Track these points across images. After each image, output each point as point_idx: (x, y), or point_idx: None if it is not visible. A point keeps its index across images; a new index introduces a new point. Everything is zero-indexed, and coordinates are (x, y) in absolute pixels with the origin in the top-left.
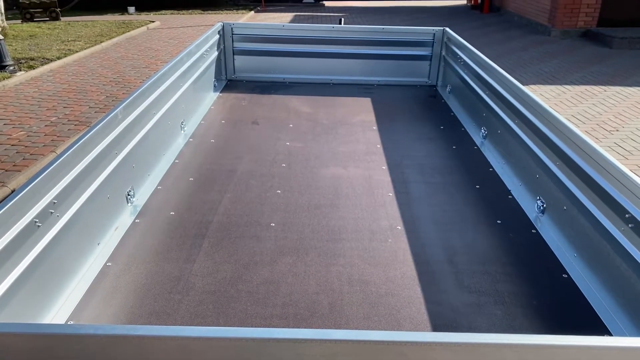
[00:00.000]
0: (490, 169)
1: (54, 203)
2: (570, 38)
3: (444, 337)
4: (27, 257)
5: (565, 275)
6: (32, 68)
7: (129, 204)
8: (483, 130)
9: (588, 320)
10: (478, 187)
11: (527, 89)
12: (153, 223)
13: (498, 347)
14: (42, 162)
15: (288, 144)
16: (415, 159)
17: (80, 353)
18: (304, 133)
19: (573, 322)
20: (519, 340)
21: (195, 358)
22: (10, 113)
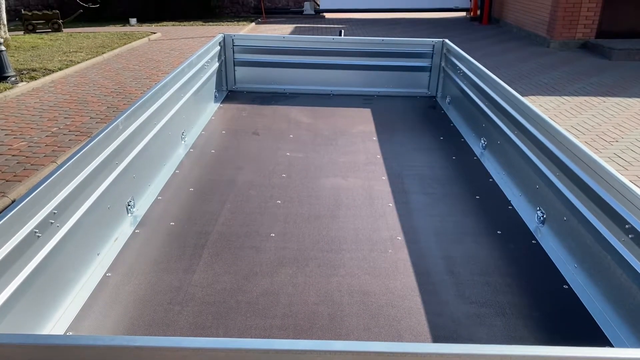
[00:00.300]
0: (490, 180)
1: (54, 213)
2: (569, 49)
3: (445, 348)
4: (26, 267)
5: (566, 286)
6: (33, 79)
7: (129, 215)
8: (483, 141)
9: (589, 332)
10: (478, 197)
11: (526, 100)
12: (153, 233)
13: (499, 358)
14: (42, 172)
15: (288, 155)
16: (415, 170)
17: None
18: (304, 143)
19: (574, 333)
20: (520, 352)
21: None
22: (12, 123)
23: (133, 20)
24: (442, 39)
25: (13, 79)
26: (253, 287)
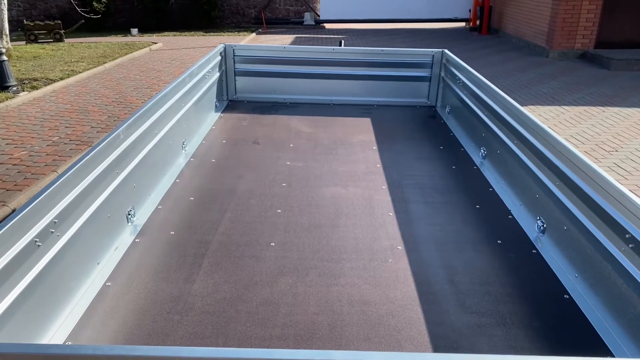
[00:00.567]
0: (490, 189)
1: (55, 222)
2: (568, 59)
3: (445, 358)
4: (26, 276)
5: (567, 296)
6: (35, 88)
7: (129, 224)
8: (482, 151)
9: (590, 341)
10: (478, 207)
11: (525, 110)
12: (153, 243)
13: None
14: (43, 181)
15: (288, 164)
16: (415, 179)
17: None
18: (304, 153)
19: (575, 343)
20: None
21: None
22: (13, 133)
23: (134, 31)
24: (441, 49)
25: (15, 89)
26: (253, 296)
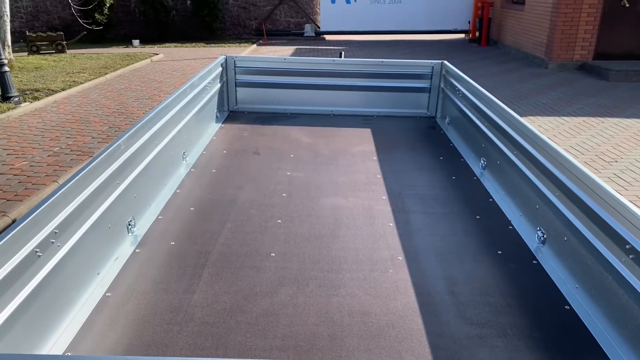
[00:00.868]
0: (490, 200)
1: (55, 233)
2: (567, 71)
3: None
4: (26, 287)
5: (567, 307)
6: (36, 99)
7: (130, 234)
8: (482, 161)
9: (591, 352)
10: (478, 217)
11: (525, 121)
12: (153, 253)
13: None
14: (44, 191)
15: (289, 174)
16: (416, 189)
17: None
18: (305, 163)
19: (576, 354)
20: None
21: None
22: (14, 143)
23: (136, 42)
24: (441, 61)
25: (16, 99)
26: (253, 307)
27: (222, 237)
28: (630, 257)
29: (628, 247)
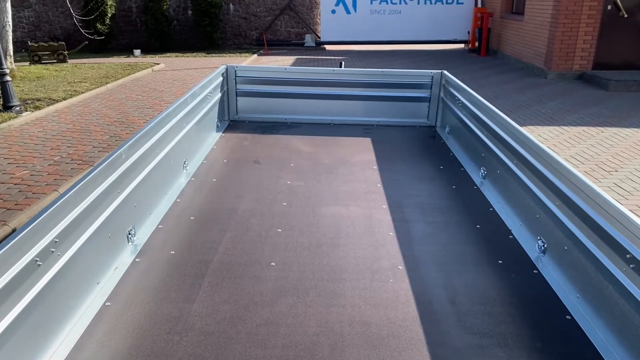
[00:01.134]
0: (491, 209)
1: (55, 242)
2: (567, 80)
3: None
4: (26, 296)
5: (569, 317)
6: (38, 108)
7: (130, 243)
8: (482, 170)
9: None
10: (479, 226)
11: (525, 130)
12: (153, 262)
13: None
14: (44, 200)
15: (289, 183)
16: (416, 199)
17: None
18: (305, 172)
19: None
20: None
21: None
22: (15, 152)
23: (137, 52)
24: (440, 71)
25: (18, 109)
26: (253, 317)
27: (222, 246)
28: (631, 266)
29: (629, 256)
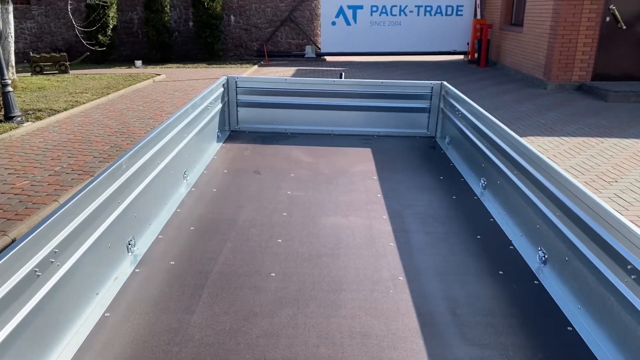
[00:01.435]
0: (491, 220)
1: (55, 252)
2: (566, 91)
3: None
4: (25, 306)
5: (570, 328)
6: (39, 119)
7: (130, 254)
8: (482, 181)
9: None
10: (479, 237)
11: (524, 141)
12: (153, 273)
13: None
14: (44, 211)
15: (289, 193)
16: (416, 209)
17: None
18: (305, 182)
19: None
20: None
21: None
22: (16, 162)
23: (138, 63)
24: (440, 81)
25: (19, 119)
26: (253, 328)
27: (222, 256)
28: (633, 277)
29: (630, 267)
